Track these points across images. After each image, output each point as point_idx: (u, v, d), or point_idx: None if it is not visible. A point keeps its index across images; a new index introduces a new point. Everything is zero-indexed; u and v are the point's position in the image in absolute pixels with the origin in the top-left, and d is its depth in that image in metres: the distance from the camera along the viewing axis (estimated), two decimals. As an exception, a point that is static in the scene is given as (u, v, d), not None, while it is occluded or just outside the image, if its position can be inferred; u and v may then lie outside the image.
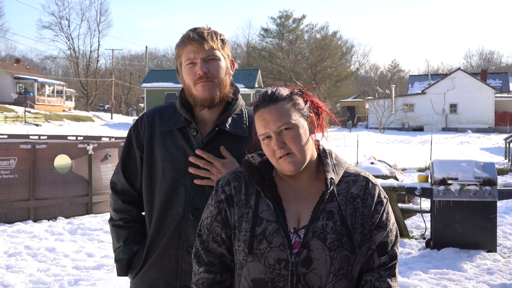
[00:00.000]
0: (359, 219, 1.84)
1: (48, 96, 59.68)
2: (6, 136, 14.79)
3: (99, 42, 76.81)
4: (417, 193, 7.71)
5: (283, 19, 74.79)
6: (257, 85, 54.28)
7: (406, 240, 8.19)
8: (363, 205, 1.86)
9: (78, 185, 10.17)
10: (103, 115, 59.64)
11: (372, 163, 11.12)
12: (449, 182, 7.47)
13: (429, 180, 7.88)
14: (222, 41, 2.30)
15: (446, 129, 48.85)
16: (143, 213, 2.44)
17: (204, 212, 1.99)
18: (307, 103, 1.91)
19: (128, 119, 58.77)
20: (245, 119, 2.36)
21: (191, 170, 2.25)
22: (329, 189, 1.83)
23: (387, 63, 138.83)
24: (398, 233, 1.94)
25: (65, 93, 64.98)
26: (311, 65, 69.64)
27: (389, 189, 8.45)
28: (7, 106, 48.68)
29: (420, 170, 17.93)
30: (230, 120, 2.31)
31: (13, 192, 9.41)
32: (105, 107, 78.20)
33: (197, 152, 2.25)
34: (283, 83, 65.24)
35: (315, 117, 1.92)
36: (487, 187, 7.38)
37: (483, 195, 7.38)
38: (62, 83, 65.15)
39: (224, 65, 2.29)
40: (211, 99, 2.26)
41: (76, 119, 50.05)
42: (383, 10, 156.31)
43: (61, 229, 8.89)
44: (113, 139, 13.38)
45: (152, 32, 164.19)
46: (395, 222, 1.93)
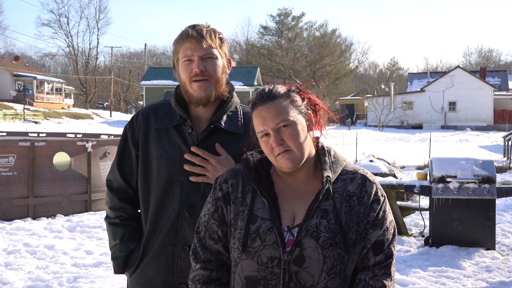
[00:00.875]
0: (355, 218, 1.83)
1: (47, 93, 59.64)
2: (5, 134, 14.78)
3: (98, 39, 76.59)
4: (416, 191, 7.71)
5: (282, 17, 74.74)
6: (256, 82, 54.25)
7: (405, 238, 8.20)
8: (359, 203, 1.84)
9: (77, 182, 10.17)
10: (102, 113, 59.58)
11: (371, 161, 11.12)
12: (448, 180, 7.47)
13: (428, 178, 7.88)
14: (221, 39, 2.30)
15: (445, 127, 48.87)
16: (139, 211, 2.44)
17: (202, 209, 2.00)
18: (305, 101, 1.91)
19: (127, 117, 58.68)
20: (240, 116, 2.37)
21: (186, 167, 2.25)
22: (324, 188, 1.83)
23: (386, 61, 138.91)
24: (396, 231, 1.92)
25: (64, 90, 64.93)
26: (310, 63, 69.62)
27: (388, 187, 8.46)
28: (6, 103, 48.59)
29: (419, 168, 17.93)
30: (225, 118, 2.32)
31: (12, 189, 9.41)
32: (104, 104, 78.17)
33: (192, 149, 2.26)
34: (282, 81, 65.23)
35: (312, 114, 1.91)
36: (486, 185, 7.39)
37: (482, 193, 7.39)
38: (61, 80, 65.13)
39: (221, 64, 2.30)
40: (206, 98, 2.27)
41: (75, 117, 50.01)
42: (382, 8, 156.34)
43: (60, 226, 8.89)
44: (112, 136, 13.37)
45: (151, 29, 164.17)
46: (392, 221, 1.91)
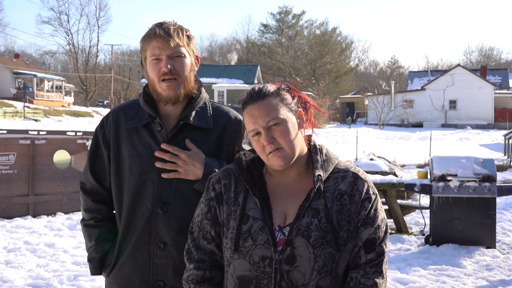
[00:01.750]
0: (346, 216, 1.83)
1: (47, 91, 59.64)
2: (5, 132, 14.68)
3: (98, 37, 76.74)
4: (417, 190, 7.71)
5: (282, 15, 74.77)
6: (256, 81, 54.25)
7: (405, 236, 8.19)
8: (350, 201, 1.85)
9: (77, 180, 10.15)
10: (102, 111, 59.54)
11: (372, 159, 11.10)
12: (449, 178, 7.47)
13: (429, 177, 7.87)
14: (188, 37, 2.31)
15: (445, 126, 48.84)
16: (114, 212, 2.45)
17: (196, 209, 2.02)
18: (295, 98, 1.92)
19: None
20: (209, 111, 2.38)
21: (157, 164, 2.26)
22: (315, 187, 1.83)
23: (386, 59, 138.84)
24: (388, 229, 1.93)
25: (64, 88, 64.93)
26: (311, 61, 69.63)
27: (388, 185, 8.46)
28: (6, 101, 48.61)
29: (419, 167, 17.93)
30: (194, 114, 2.33)
31: (12, 187, 9.41)
32: (104, 102, 78.06)
33: (163, 146, 2.27)
34: (282, 79, 65.26)
35: (303, 112, 1.92)
36: (487, 184, 7.38)
37: (483, 191, 7.38)
38: (61, 78, 65.11)
39: (189, 62, 2.31)
40: (175, 97, 2.28)
41: (75, 115, 50.02)
42: (382, 6, 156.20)
43: (60, 224, 8.89)
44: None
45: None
46: (384, 218, 1.91)
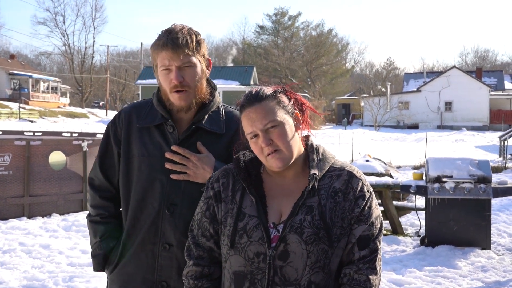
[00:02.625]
0: (339, 213, 1.87)
1: (43, 92, 59.50)
2: (0, 133, 14.71)
3: (94, 38, 76.85)
4: (412, 191, 7.72)
5: (278, 16, 74.78)
6: (252, 82, 54.23)
7: (400, 238, 8.21)
8: (344, 199, 1.89)
9: (72, 181, 10.16)
10: (98, 112, 59.49)
11: (367, 160, 11.13)
12: (444, 179, 7.48)
13: (424, 178, 7.89)
14: (198, 42, 2.27)
15: (441, 127, 48.96)
16: (121, 209, 2.45)
17: (196, 208, 2.07)
18: (291, 101, 1.97)
19: (123, 116, 58.52)
20: (222, 116, 2.38)
21: (167, 165, 2.27)
22: (310, 185, 1.88)
23: (382, 60, 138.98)
24: (382, 227, 1.97)
25: (60, 89, 64.80)
26: (307, 62, 69.69)
27: (384, 187, 8.47)
28: (1, 102, 48.43)
29: (415, 168, 17.97)
30: (206, 118, 2.33)
31: (7, 188, 9.38)
32: (100, 103, 77.97)
33: (173, 148, 2.27)
34: (278, 80, 65.31)
35: (299, 114, 1.97)
36: (482, 185, 7.40)
37: (478, 193, 7.40)
38: (57, 79, 64.95)
39: (200, 69, 2.28)
40: (187, 107, 2.28)
41: (71, 116, 49.90)
42: (378, 8, 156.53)
43: (55, 225, 8.87)
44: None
45: (147, 28, 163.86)
46: (379, 216, 1.95)
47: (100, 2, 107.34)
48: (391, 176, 10.39)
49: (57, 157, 9.97)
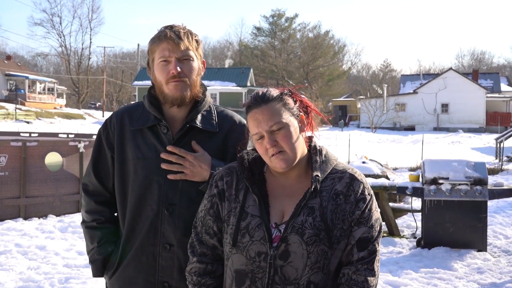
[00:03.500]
0: (340, 215, 1.91)
1: (39, 93, 59.35)
2: (-4, 133, 14.69)
3: (90, 39, 76.47)
4: (408, 193, 7.73)
5: (275, 18, 74.83)
6: (249, 83, 54.25)
7: (397, 239, 8.21)
8: (345, 201, 1.93)
9: (69, 183, 10.14)
10: (94, 113, 59.40)
11: (364, 162, 11.13)
12: (440, 181, 7.49)
13: (420, 180, 7.90)
14: (197, 41, 2.34)
15: (437, 129, 49.02)
16: (116, 214, 2.44)
17: (200, 205, 2.10)
18: (297, 103, 2.00)
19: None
20: (214, 115, 2.40)
21: (164, 166, 2.27)
22: (312, 186, 1.91)
23: (379, 62, 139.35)
24: (382, 229, 2.01)
25: (57, 90, 64.67)
26: (303, 64, 69.76)
27: (381, 189, 8.48)
28: (-3, 103, 48.37)
29: (411, 170, 18.00)
30: (199, 117, 2.35)
31: (3, 189, 9.36)
32: (97, 104, 77.85)
33: (169, 148, 2.28)
34: (275, 82, 65.36)
35: (304, 116, 2.00)
36: (478, 187, 7.41)
37: (474, 194, 7.41)
38: (54, 80, 64.84)
39: (197, 65, 2.33)
40: (181, 98, 2.30)
41: (67, 117, 49.82)
42: (375, 9, 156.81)
43: (51, 227, 8.85)
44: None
45: (144, 29, 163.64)
46: (379, 219, 1.99)
47: (96, 3, 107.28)
48: (387, 177, 10.40)
49: (53, 158, 9.95)
